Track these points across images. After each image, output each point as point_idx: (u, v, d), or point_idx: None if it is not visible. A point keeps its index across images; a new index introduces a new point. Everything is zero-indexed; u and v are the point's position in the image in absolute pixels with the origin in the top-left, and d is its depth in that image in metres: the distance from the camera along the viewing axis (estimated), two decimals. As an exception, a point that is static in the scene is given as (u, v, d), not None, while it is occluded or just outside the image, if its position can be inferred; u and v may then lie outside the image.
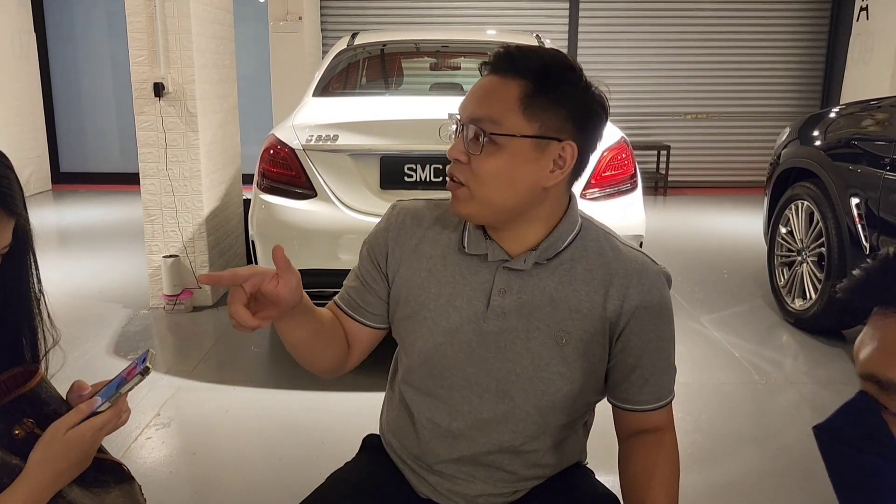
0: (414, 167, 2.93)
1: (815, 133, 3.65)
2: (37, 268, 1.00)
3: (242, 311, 0.97)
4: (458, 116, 1.10)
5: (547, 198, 1.10)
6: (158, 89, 3.62)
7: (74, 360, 3.10)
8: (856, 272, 0.66)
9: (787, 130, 3.97)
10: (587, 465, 1.32)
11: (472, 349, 1.14)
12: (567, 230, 1.13)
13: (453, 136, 1.12)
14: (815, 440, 0.67)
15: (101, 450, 1.02)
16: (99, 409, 0.93)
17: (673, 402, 1.20)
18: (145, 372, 0.91)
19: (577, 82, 1.07)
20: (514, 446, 1.16)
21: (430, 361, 1.15)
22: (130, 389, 0.93)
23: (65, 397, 1.01)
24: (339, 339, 1.20)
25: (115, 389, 0.92)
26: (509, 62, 1.06)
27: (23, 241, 0.96)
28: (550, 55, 1.08)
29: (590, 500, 1.20)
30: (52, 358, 1.04)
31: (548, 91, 1.05)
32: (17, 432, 0.92)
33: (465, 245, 1.15)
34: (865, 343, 0.65)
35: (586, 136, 1.09)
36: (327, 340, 1.17)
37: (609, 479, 1.26)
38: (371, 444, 1.33)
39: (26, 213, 0.94)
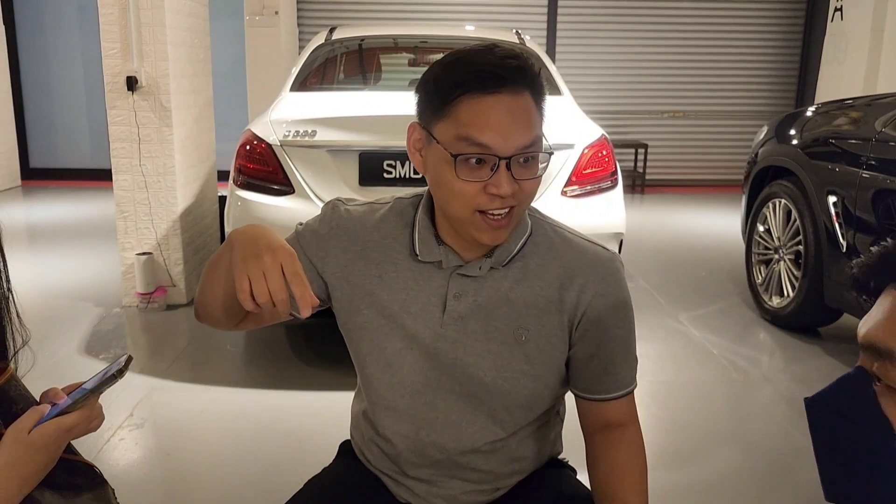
0: (393, 163, 2.90)
1: (793, 132, 3.67)
2: (5, 266, 0.96)
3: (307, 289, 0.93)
4: (492, 153, 0.99)
5: None
6: (131, 83, 3.55)
7: (45, 360, 3.02)
8: (874, 249, 0.67)
9: (765, 129, 4.00)
10: (569, 464, 1.31)
11: (431, 354, 1.11)
12: (520, 233, 1.12)
13: (464, 171, 1.00)
14: (806, 410, 0.71)
15: (73, 451, 0.98)
16: (67, 410, 0.88)
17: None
18: (119, 374, 0.87)
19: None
20: (486, 445, 1.15)
21: (389, 369, 1.13)
22: (102, 391, 0.90)
23: (38, 400, 0.97)
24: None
25: (87, 391, 0.89)
26: (522, 74, 1.01)
27: None
28: (525, 58, 1.03)
29: (568, 500, 1.19)
30: (22, 358, 1.00)
31: (542, 97, 1.04)
32: None
33: (418, 252, 1.12)
34: (871, 316, 0.67)
35: None
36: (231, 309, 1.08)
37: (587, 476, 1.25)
38: (347, 451, 1.31)
39: None
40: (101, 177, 6.97)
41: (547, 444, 1.24)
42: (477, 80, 0.98)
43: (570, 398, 1.24)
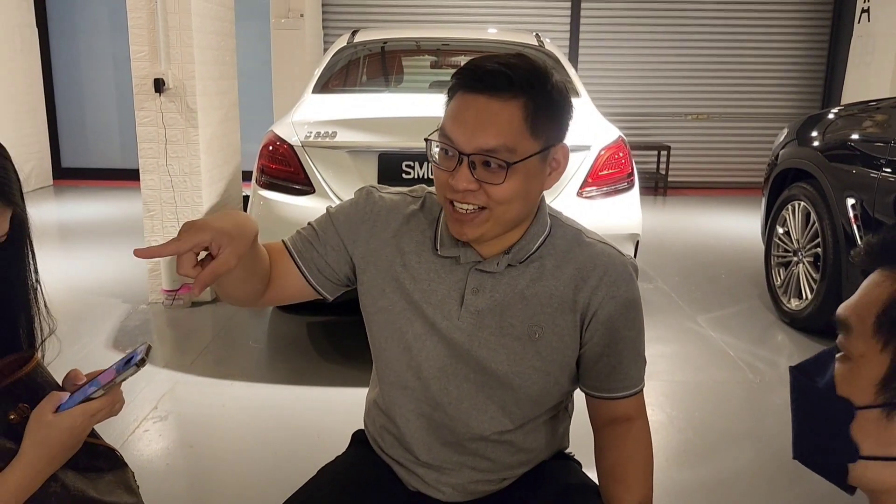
0: (412, 164, 2.95)
1: (813, 134, 3.66)
2: (34, 258, 1.02)
3: (193, 272, 0.94)
4: (455, 147, 1.04)
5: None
6: (159, 85, 3.64)
7: (73, 354, 3.11)
8: (870, 238, 0.73)
9: (786, 131, 3.99)
10: (575, 458, 1.34)
11: (448, 343, 1.16)
12: (538, 231, 1.15)
13: (436, 157, 1.08)
14: (789, 375, 0.79)
15: (95, 435, 1.04)
16: (93, 396, 0.94)
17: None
18: (141, 363, 0.92)
19: (558, 85, 1.07)
20: (494, 435, 1.19)
21: (409, 352, 1.17)
22: (125, 379, 0.95)
23: (61, 384, 1.03)
24: (262, 279, 1.15)
25: (110, 378, 0.94)
26: (507, 82, 1.02)
27: (20, 230, 0.97)
28: (532, 64, 1.06)
29: (574, 490, 1.22)
30: (49, 347, 1.06)
31: (546, 105, 1.05)
32: (12, 417, 0.94)
33: (438, 248, 1.16)
34: (856, 294, 0.73)
35: (566, 132, 1.11)
36: (248, 281, 1.11)
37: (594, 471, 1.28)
38: (360, 440, 1.35)
39: (23, 203, 0.96)
40: (129, 176, 7.10)
41: (554, 438, 1.28)
42: (465, 79, 1.05)
43: (578, 394, 1.28)
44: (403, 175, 2.95)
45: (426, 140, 1.08)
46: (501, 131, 1.03)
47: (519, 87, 1.03)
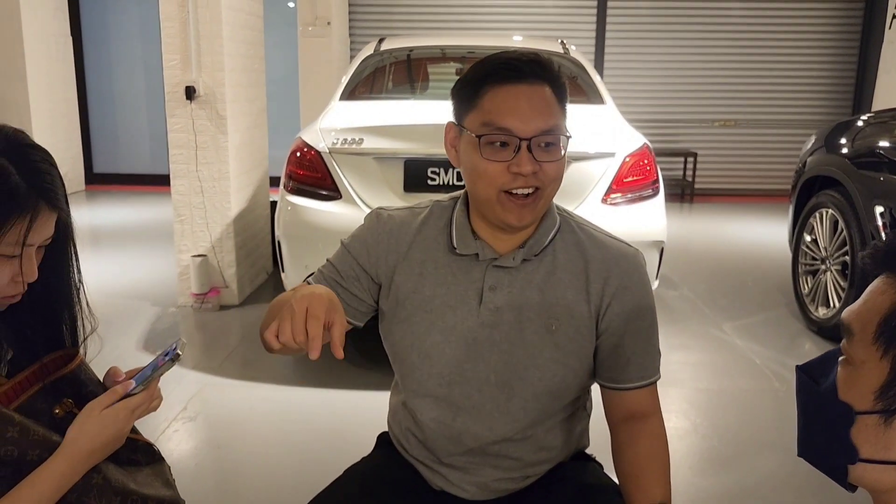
0: (437, 171, 2.98)
1: (842, 141, 3.63)
2: (77, 259, 1.06)
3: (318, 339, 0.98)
4: (513, 134, 1.10)
5: None
6: (190, 92, 3.71)
7: (105, 355, 3.16)
8: (877, 242, 0.74)
9: (813, 138, 3.96)
10: (596, 460, 1.36)
11: (468, 345, 1.19)
12: (550, 225, 1.20)
13: (487, 153, 1.11)
14: (795, 375, 0.81)
15: (134, 430, 1.07)
16: (133, 392, 0.98)
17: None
18: (176, 358, 0.96)
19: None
20: (516, 434, 1.21)
21: (428, 360, 1.20)
22: (162, 374, 0.99)
23: (102, 381, 1.07)
24: None
25: (148, 374, 0.98)
26: (540, 69, 1.13)
27: (64, 233, 1.02)
28: (542, 56, 1.15)
29: (595, 489, 1.24)
30: (90, 345, 1.10)
31: (562, 89, 1.15)
32: (57, 412, 0.98)
33: (456, 246, 1.20)
34: (860, 299, 0.74)
35: None
36: None
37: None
38: (385, 441, 1.38)
39: (68, 207, 1.00)
40: (159, 182, 7.24)
41: (573, 436, 1.30)
42: (499, 72, 1.12)
43: (597, 395, 1.30)
44: (429, 181, 2.98)
45: (478, 137, 1.11)
46: (552, 112, 1.12)
47: (545, 75, 1.12)
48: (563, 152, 1.14)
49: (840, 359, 0.75)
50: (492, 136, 1.11)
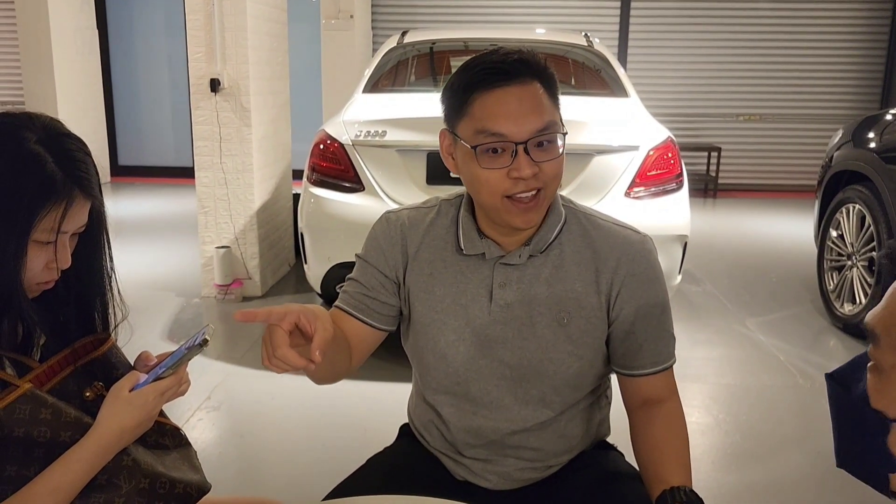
0: (460, 164, 2.97)
1: (869, 135, 3.58)
2: (109, 247, 1.08)
3: (290, 353, 0.94)
4: (508, 140, 1.07)
5: None
6: (214, 85, 3.74)
7: (131, 345, 3.22)
8: (893, 241, 0.72)
9: (840, 132, 3.90)
10: (617, 448, 1.36)
11: (481, 342, 1.19)
12: (555, 221, 1.19)
13: (484, 161, 1.09)
14: (826, 383, 0.78)
15: (162, 415, 1.09)
16: (162, 375, 1.00)
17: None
18: (204, 343, 0.97)
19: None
20: (537, 425, 1.21)
21: (444, 359, 1.21)
22: (190, 359, 1.01)
23: (133, 365, 1.09)
24: (346, 349, 1.21)
25: (177, 359, 1.00)
26: (526, 68, 1.10)
27: (97, 222, 1.04)
28: (528, 53, 1.12)
29: (616, 476, 1.24)
30: (121, 331, 1.12)
31: (552, 83, 1.13)
32: (87, 394, 1.00)
33: (463, 247, 1.20)
34: (879, 304, 0.71)
35: None
36: (339, 354, 1.18)
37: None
38: (407, 433, 1.39)
39: (101, 196, 1.02)
40: (182, 174, 7.31)
41: (593, 425, 1.30)
42: (486, 77, 1.09)
43: (616, 385, 1.30)
44: (451, 174, 2.97)
45: (473, 148, 1.09)
46: (544, 109, 1.10)
47: (533, 72, 1.10)
48: (560, 149, 1.11)
49: (869, 364, 0.72)
50: (487, 145, 1.08)
